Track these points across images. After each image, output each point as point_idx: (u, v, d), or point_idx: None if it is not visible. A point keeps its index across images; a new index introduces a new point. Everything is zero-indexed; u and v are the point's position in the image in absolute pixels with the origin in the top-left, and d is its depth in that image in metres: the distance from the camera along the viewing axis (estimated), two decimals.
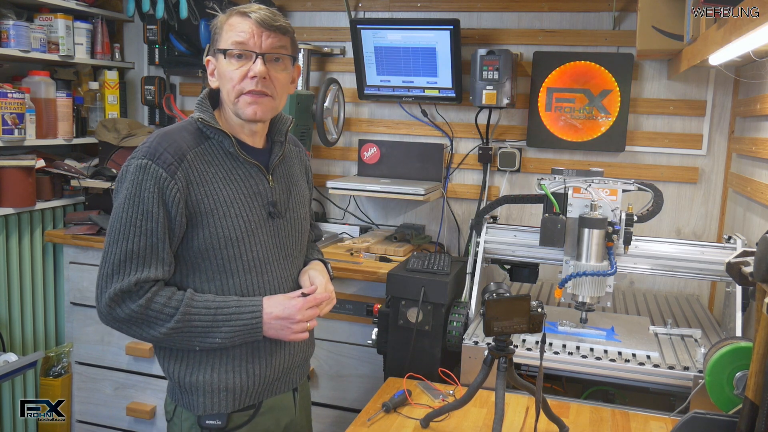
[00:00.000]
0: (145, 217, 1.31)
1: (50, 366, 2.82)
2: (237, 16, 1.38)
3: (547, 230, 1.83)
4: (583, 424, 1.57)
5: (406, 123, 2.89)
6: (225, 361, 1.41)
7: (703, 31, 1.77)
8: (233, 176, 1.41)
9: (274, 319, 1.39)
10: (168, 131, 1.39)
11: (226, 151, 1.42)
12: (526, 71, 2.68)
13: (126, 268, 1.31)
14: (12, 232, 2.67)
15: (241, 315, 1.37)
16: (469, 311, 1.98)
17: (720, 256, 1.88)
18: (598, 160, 2.64)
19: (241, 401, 1.44)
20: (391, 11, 2.85)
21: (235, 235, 1.38)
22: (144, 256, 1.32)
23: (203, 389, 1.41)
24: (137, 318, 1.32)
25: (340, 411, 2.48)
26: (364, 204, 2.97)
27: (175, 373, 1.43)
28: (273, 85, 1.40)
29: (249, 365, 1.43)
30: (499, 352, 1.41)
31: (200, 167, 1.37)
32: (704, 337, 1.92)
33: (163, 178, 1.31)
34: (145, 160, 1.32)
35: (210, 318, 1.35)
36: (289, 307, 1.40)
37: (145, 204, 1.31)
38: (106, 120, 2.96)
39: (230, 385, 1.41)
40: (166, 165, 1.32)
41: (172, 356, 1.43)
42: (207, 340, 1.36)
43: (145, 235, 1.31)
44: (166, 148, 1.34)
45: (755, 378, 1.16)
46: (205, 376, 1.41)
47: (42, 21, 2.72)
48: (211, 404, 1.41)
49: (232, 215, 1.38)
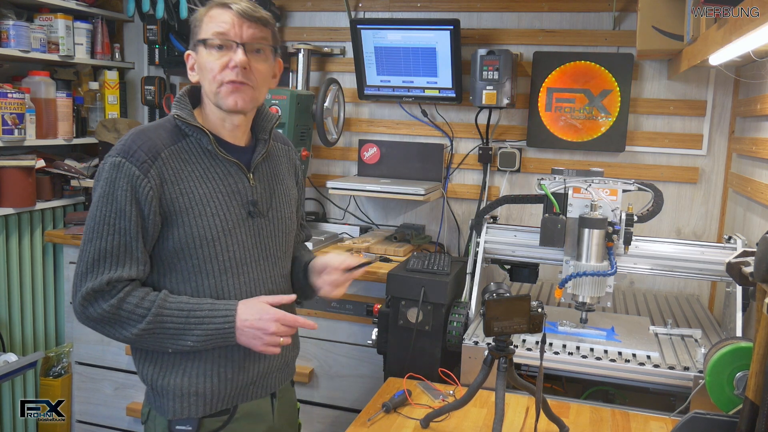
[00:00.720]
0: (118, 215, 1.29)
1: (50, 366, 2.82)
2: (217, 8, 1.36)
3: (547, 230, 1.83)
4: (583, 424, 1.57)
5: (406, 123, 2.89)
6: (196, 365, 1.38)
7: (703, 31, 1.77)
8: (210, 174, 1.38)
9: (248, 327, 1.33)
10: (144, 129, 1.37)
11: (204, 148, 1.39)
12: (526, 71, 2.68)
13: (99, 267, 1.29)
14: (12, 232, 2.67)
15: (214, 319, 1.32)
16: (469, 311, 1.98)
17: (720, 256, 1.88)
18: (598, 160, 2.64)
19: (212, 406, 1.40)
20: (391, 11, 2.85)
21: (210, 234, 1.35)
22: (117, 255, 1.30)
23: (173, 393, 1.38)
24: (109, 318, 1.30)
25: (340, 411, 2.48)
26: (364, 204, 2.97)
27: (147, 375, 1.40)
28: (254, 76, 1.38)
29: (221, 369, 1.39)
30: (499, 352, 1.41)
31: (175, 165, 1.35)
32: (704, 337, 1.92)
33: (135, 176, 1.29)
34: (119, 158, 1.31)
35: (182, 320, 1.31)
36: (264, 317, 1.34)
37: (119, 202, 1.29)
38: (106, 120, 2.96)
39: (200, 389, 1.38)
40: (139, 163, 1.30)
41: (146, 358, 1.40)
42: (179, 343, 1.33)
43: (118, 233, 1.30)
44: (140, 146, 1.32)
45: (755, 378, 1.16)
46: (176, 379, 1.37)
47: (42, 21, 2.72)
48: (181, 408, 1.38)
49: (207, 214, 1.35)
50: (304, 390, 2.49)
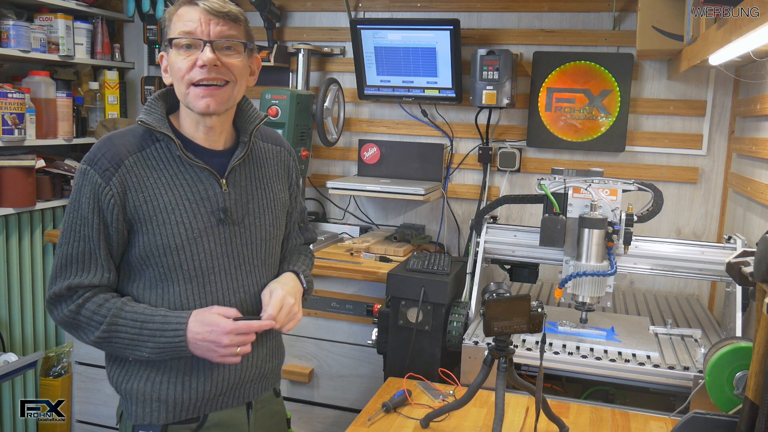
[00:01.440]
0: (82, 222, 1.31)
1: (50, 366, 2.82)
2: (185, 6, 1.32)
3: (547, 230, 1.83)
4: (583, 424, 1.57)
5: (406, 123, 2.89)
6: (161, 371, 1.35)
7: (703, 31, 1.77)
8: (178, 181, 1.34)
9: (200, 340, 1.29)
10: (112, 135, 1.36)
11: (173, 154, 1.34)
12: (526, 71, 2.68)
13: (65, 272, 1.32)
14: (12, 232, 2.67)
15: (165, 332, 1.29)
16: (469, 311, 1.98)
17: (720, 256, 1.88)
18: (598, 160, 2.64)
19: (176, 414, 1.36)
20: (391, 11, 2.85)
21: (174, 242, 1.32)
22: (82, 261, 1.32)
23: (136, 398, 1.36)
24: (69, 322, 1.32)
25: (340, 411, 2.48)
26: (364, 204, 2.97)
27: (113, 377, 1.40)
28: (229, 71, 1.33)
29: (186, 377, 1.35)
30: (499, 352, 1.41)
31: (140, 172, 1.32)
32: (704, 337, 1.92)
33: (98, 184, 1.29)
34: (85, 165, 1.31)
35: (136, 331, 1.29)
36: (216, 330, 1.29)
37: (82, 210, 1.31)
38: (106, 120, 2.96)
39: (163, 396, 1.35)
40: (102, 171, 1.29)
41: (113, 361, 1.40)
42: (135, 353, 1.31)
43: (82, 240, 1.31)
44: (104, 154, 1.31)
45: (755, 378, 1.16)
46: (139, 384, 1.35)
47: (42, 21, 2.72)
48: (143, 414, 1.35)
49: (172, 222, 1.32)
50: (304, 390, 2.49)
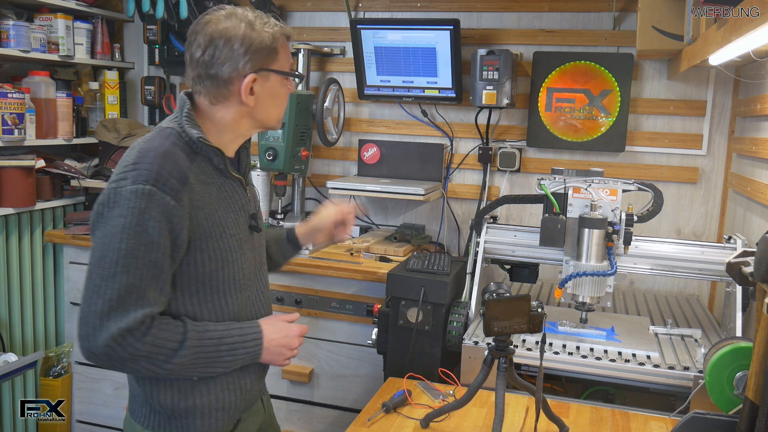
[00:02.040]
0: (148, 248, 1.20)
1: (50, 366, 2.82)
2: (283, 38, 1.36)
3: (547, 230, 1.83)
4: (583, 424, 1.57)
5: (406, 123, 2.89)
6: (220, 380, 1.36)
7: (703, 31, 1.77)
8: (222, 194, 1.35)
9: (275, 345, 1.37)
10: (167, 151, 1.25)
11: (215, 167, 1.34)
12: (526, 71, 2.68)
13: (127, 304, 1.19)
14: (12, 232, 2.67)
15: (245, 344, 1.33)
16: (469, 311, 1.98)
17: (720, 256, 1.88)
18: (598, 160, 2.64)
19: (232, 418, 1.40)
20: (391, 11, 2.85)
21: (231, 256, 1.33)
22: (144, 289, 1.21)
23: (200, 412, 1.34)
24: (143, 355, 1.21)
25: (340, 411, 2.48)
26: (364, 204, 2.97)
27: (166, 401, 1.32)
28: None
29: (241, 381, 1.39)
30: (499, 352, 1.41)
31: (198, 188, 1.28)
32: (704, 337, 1.92)
33: (170, 206, 1.21)
34: (147, 186, 1.20)
35: (214, 349, 1.29)
36: (290, 334, 1.40)
37: (150, 234, 1.19)
38: (106, 120, 2.96)
39: (226, 403, 1.37)
40: (174, 191, 1.21)
41: (158, 385, 1.32)
42: (208, 371, 1.31)
43: (146, 267, 1.20)
44: (170, 172, 1.22)
45: (755, 378, 1.16)
46: (202, 398, 1.34)
47: (42, 21, 2.72)
48: (208, 425, 1.35)
49: (226, 236, 1.33)
50: (304, 390, 2.49)
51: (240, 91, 1.31)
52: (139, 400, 1.37)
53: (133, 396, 1.39)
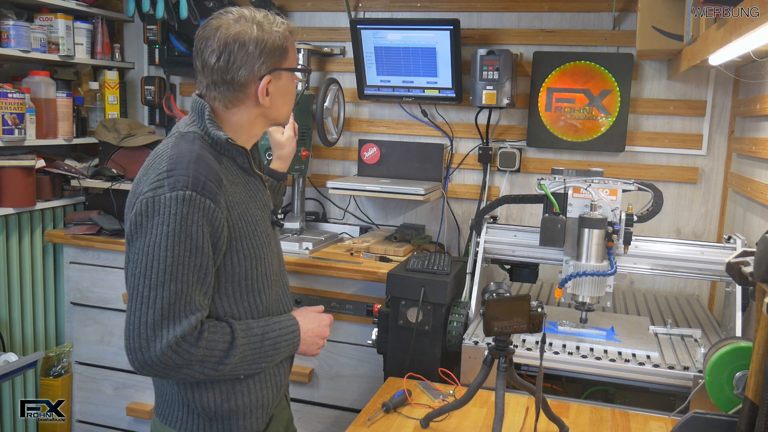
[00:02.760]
0: (193, 253, 1.21)
1: (50, 366, 2.82)
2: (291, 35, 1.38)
3: (547, 230, 1.83)
4: (583, 424, 1.57)
5: (406, 123, 2.89)
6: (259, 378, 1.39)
7: (703, 31, 1.77)
8: (249, 192, 1.39)
9: (311, 336, 1.43)
10: (200, 155, 1.27)
11: (240, 166, 1.38)
12: (526, 71, 2.68)
13: (178, 311, 1.20)
14: (12, 232, 2.67)
15: (286, 336, 1.38)
16: (469, 311, 1.98)
17: (720, 256, 1.88)
18: (598, 160, 2.64)
19: (269, 415, 1.45)
20: (391, 11, 2.85)
21: (263, 252, 1.36)
22: (192, 294, 1.22)
23: (242, 412, 1.36)
24: (195, 361, 1.23)
25: (340, 411, 2.48)
26: (364, 204, 2.97)
27: (209, 403, 1.32)
28: None
29: (277, 378, 1.44)
30: (499, 352, 1.41)
31: (230, 189, 1.31)
32: (704, 337, 1.92)
33: (211, 210, 1.23)
34: (188, 191, 1.21)
35: (258, 345, 1.32)
36: (323, 324, 1.47)
37: (194, 239, 1.21)
38: (106, 120, 2.96)
39: (265, 401, 1.41)
40: (212, 195, 1.24)
41: (201, 388, 1.32)
42: (254, 367, 1.33)
43: (193, 272, 1.22)
44: (207, 176, 1.25)
45: (755, 378, 1.16)
46: (244, 398, 1.36)
47: (42, 21, 2.72)
48: (250, 424, 1.38)
49: (258, 233, 1.36)
50: (304, 390, 2.49)
51: (257, 93, 1.34)
52: (174, 405, 1.36)
53: (167, 401, 1.37)
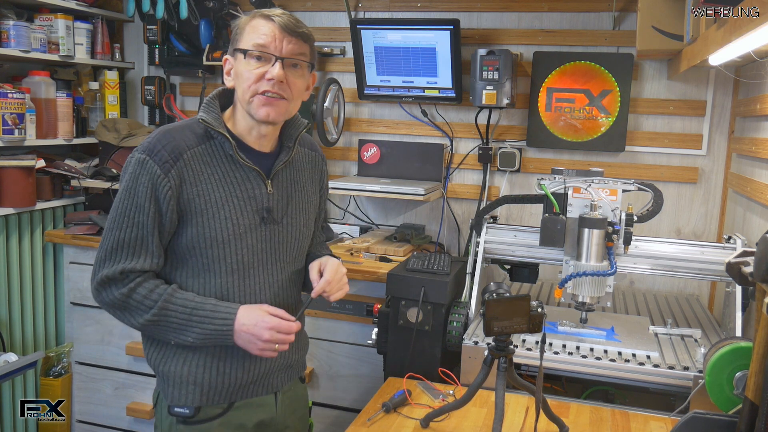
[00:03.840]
0: (137, 209, 1.35)
1: (50, 366, 2.82)
2: (260, 18, 1.39)
3: (547, 230, 1.83)
4: (583, 424, 1.57)
5: (406, 123, 2.89)
6: (197, 356, 1.43)
7: (703, 31, 1.77)
8: (229, 179, 1.41)
9: (244, 331, 1.37)
10: (171, 129, 1.41)
11: (226, 153, 1.42)
12: (526, 71, 2.68)
13: (116, 256, 1.36)
14: (12, 232, 2.67)
15: (214, 320, 1.37)
16: (469, 311, 1.98)
17: (720, 256, 1.88)
18: (598, 160, 2.64)
19: (210, 398, 1.44)
20: (391, 11, 2.85)
21: (221, 236, 1.39)
22: (133, 247, 1.36)
23: (173, 379, 1.44)
24: (119, 305, 1.37)
25: (340, 411, 2.48)
26: (364, 204, 2.97)
27: (152, 359, 1.47)
28: (290, 89, 1.40)
29: (220, 363, 1.44)
30: (499, 352, 1.41)
31: (196, 167, 1.38)
32: (704, 337, 1.92)
33: (156, 175, 1.34)
34: (143, 155, 1.36)
35: (185, 317, 1.37)
36: (260, 325, 1.37)
37: (139, 197, 1.35)
38: (106, 120, 2.96)
39: (199, 379, 1.43)
40: (162, 162, 1.35)
41: (151, 343, 1.47)
42: (180, 337, 1.38)
43: (135, 227, 1.35)
44: (164, 146, 1.36)
45: (755, 378, 1.16)
46: (176, 367, 1.43)
47: (42, 21, 2.72)
48: (179, 395, 1.43)
49: (221, 217, 1.39)
50: None
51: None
52: None
53: None
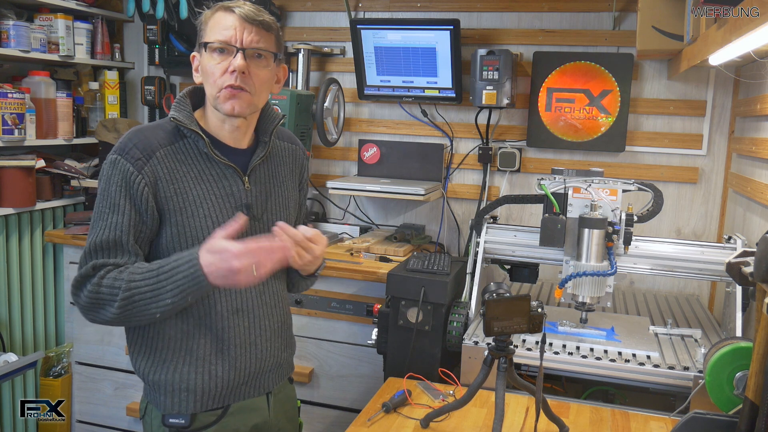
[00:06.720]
0: (111, 210, 1.33)
1: (50, 366, 2.82)
2: (221, 11, 1.37)
3: (547, 230, 1.83)
4: (583, 424, 1.57)
5: (406, 123, 2.89)
6: (188, 361, 1.40)
7: (703, 31, 1.77)
8: (205, 176, 1.40)
9: (215, 269, 1.25)
10: (142, 128, 1.40)
11: (200, 150, 1.40)
12: (526, 71, 2.68)
13: (91, 258, 1.33)
14: (12, 232, 2.67)
15: (179, 268, 1.28)
16: (469, 311, 1.98)
17: (720, 256, 1.88)
18: (598, 160, 2.64)
19: (204, 403, 1.42)
20: (391, 11, 2.85)
21: (202, 234, 1.37)
22: (108, 249, 1.33)
23: (165, 388, 1.41)
24: (94, 298, 1.31)
25: (340, 411, 2.48)
26: (364, 204, 2.97)
27: (140, 368, 1.44)
28: (252, 81, 1.37)
29: (212, 366, 1.41)
30: (499, 352, 1.41)
31: (170, 165, 1.37)
32: (704, 337, 1.92)
33: (129, 173, 1.33)
34: (114, 155, 1.35)
35: (154, 279, 1.29)
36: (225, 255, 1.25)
37: (112, 197, 1.33)
38: (106, 120, 2.96)
39: (191, 385, 1.40)
40: (134, 160, 1.33)
41: (139, 351, 1.44)
42: (159, 304, 1.29)
43: (109, 228, 1.33)
44: (135, 144, 1.35)
45: (755, 378, 1.16)
46: (167, 375, 1.40)
47: (42, 21, 2.72)
48: (172, 404, 1.41)
49: (200, 215, 1.38)
50: (304, 390, 2.49)
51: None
52: None
53: None
